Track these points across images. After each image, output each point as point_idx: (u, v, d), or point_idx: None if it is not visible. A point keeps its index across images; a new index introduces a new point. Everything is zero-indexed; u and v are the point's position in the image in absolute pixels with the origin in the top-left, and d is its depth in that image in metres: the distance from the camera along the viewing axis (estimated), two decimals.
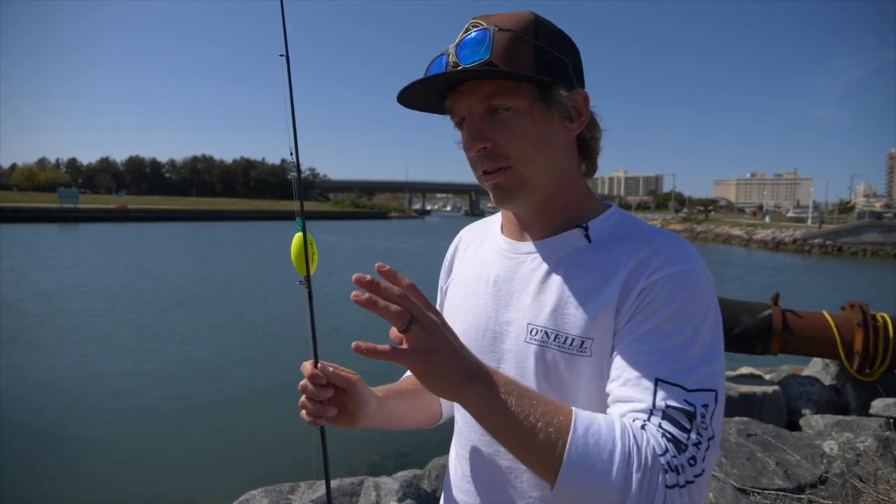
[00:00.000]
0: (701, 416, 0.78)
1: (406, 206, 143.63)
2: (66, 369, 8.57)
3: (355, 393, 0.99)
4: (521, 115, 0.90)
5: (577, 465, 0.73)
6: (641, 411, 0.79)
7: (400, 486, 3.26)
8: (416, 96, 0.94)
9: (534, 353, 0.92)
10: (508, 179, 0.92)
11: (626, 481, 0.72)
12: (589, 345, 0.88)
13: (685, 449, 0.76)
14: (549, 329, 0.90)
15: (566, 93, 0.91)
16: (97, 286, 16.43)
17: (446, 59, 0.91)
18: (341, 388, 0.98)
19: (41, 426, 6.46)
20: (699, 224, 59.10)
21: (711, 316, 0.85)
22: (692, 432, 0.77)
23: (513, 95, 0.89)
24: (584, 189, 0.99)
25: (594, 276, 0.89)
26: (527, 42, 0.88)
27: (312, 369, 0.96)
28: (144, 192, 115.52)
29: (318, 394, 0.94)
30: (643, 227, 0.94)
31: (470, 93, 0.90)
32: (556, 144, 0.93)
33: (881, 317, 4.81)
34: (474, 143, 0.91)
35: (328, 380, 0.96)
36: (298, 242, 1.02)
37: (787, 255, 37.96)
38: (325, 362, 0.98)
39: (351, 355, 0.78)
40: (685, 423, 0.77)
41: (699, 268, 0.86)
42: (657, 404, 0.78)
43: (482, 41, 0.87)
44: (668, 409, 0.78)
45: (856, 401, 4.84)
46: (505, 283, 0.99)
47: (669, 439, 0.76)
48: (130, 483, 5.34)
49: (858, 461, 3.49)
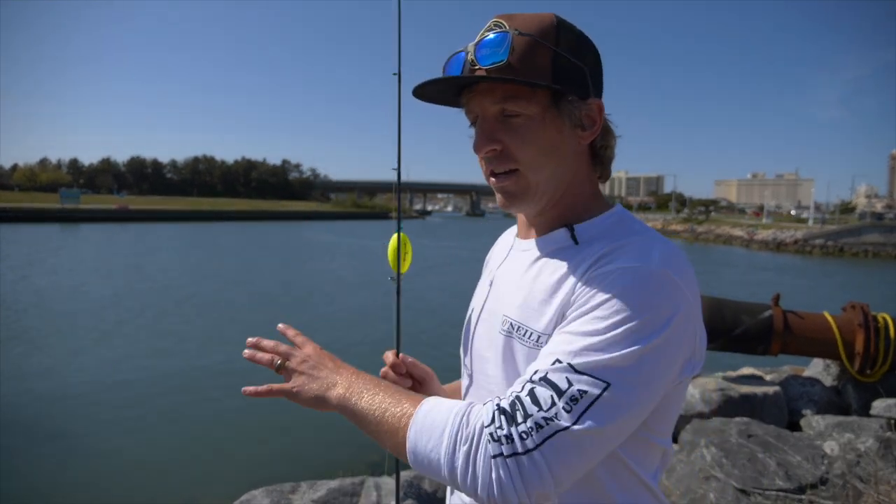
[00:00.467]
0: (571, 397, 0.75)
1: (407, 206, 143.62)
2: (67, 369, 8.58)
3: (430, 387, 1.08)
4: (533, 120, 0.90)
5: (414, 445, 0.80)
6: (519, 383, 0.81)
7: (401, 486, 3.26)
8: (431, 92, 0.95)
9: (503, 343, 0.95)
10: (515, 184, 0.93)
11: (454, 455, 0.76)
12: (545, 340, 0.88)
13: (520, 423, 0.75)
14: (514, 321, 0.93)
15: (580, 102, 0.91)
16: (98, 286, 16.44)
17: (465, 56, 0.91)
18: (418, 380, 1.07)
19: (42, 425, 6.47)
20: (700, 224, 59.02)
21: (646, 318, 0.78)
22: (544, 410, 0.75)
23: (526, 101, 0.89)
24: (591, 193, 0.99)
25: (564, 273, 0.90)
26: (546, 47, 0.88)
27: (394, 359, 1.05)
28: (146, 193, 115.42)
29: (399, 382, 1.04)
30: (630, 228, 0.92)
31: (485, 94, 0.91)
32: (566, 152, 0.94)
33: (882, 317, 4.81)
34: (484, 144, 0.92)
35: (408, 370, 1.05)
36: (394, 242, 1.18)
37: (788, 256, 37.92)
38: (405, 354, 1.07)
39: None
40: (544, 399, 0.76)
41: (652, 268, 0.81)
42: (533, 377, 0.79)
43: (501, 43, 0.87)
44: (538, 381, 0.78)
45: (857, 401, 4.83)
46: (499, 276, 1.04)
47: (502, 412, 0.77)
48: (131, 482, 5.35)
49: (859, 462, 3.49)
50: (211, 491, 5.08)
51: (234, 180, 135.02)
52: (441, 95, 0.97)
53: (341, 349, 1.68)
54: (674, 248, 0.87)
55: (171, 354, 9.58)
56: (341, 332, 11.38)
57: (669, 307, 0.80)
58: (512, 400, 0.78)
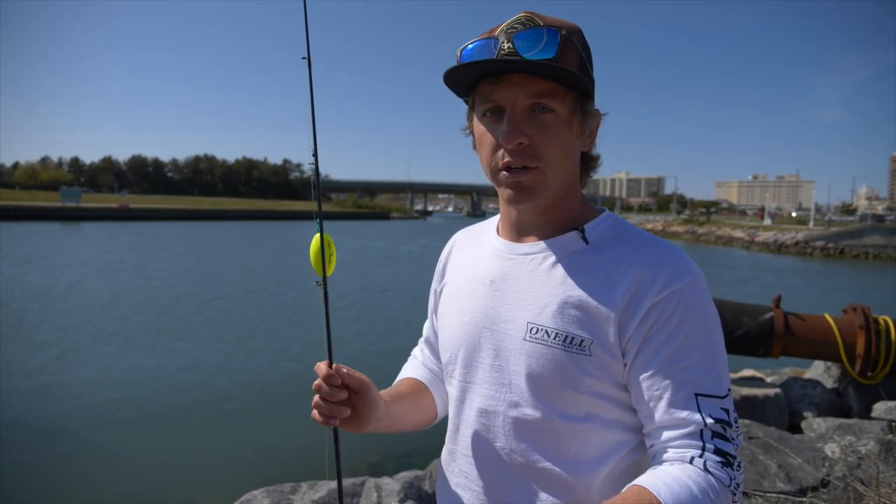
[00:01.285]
0: (734, 419, 0.88)
1: (407, 206, 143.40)
2: (67, 368, 8.58)
3: (367, 395, 1.00)
4: (561, 120, 0.91)
5: None
6: (692, 435, 0.87)
7: (401, 487, 3.26)
8: (460, 77, 0.93)
9: (534, 351, 0.93)
10: (533, 179, 0.92)
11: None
12: (588, 344, 0.90)
13: (733, 462, 0.86)
14: (550, 328, 0.92)
15: (595, 110, 0.96)
16: (98, 285, 16.45)
17: (497, 44, 0.89)
18: (354, 391, 0.99)
19: (41, 425, 6.46)
20: (701, 226, 59.00)
21: (714, 315, 0.92)
22: (732, 440, 0.87)
23: (559, 100, 0.90)
24: (582, 197, 1.03)
25: (593, 278, 0.93)
26: (578, 53, 0.91)
27: (328, 370, 0.97)
28: (147, 192, 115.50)
29: (333, 394, 0.96)
30: (636, 232, 0.98)
31: (520, 85, 0.89)
32: (577, 156, 0.98)
33: (883, 320, 4.80)
34: (514, 136, 0.90)
35: (342, 380, 0.97)
36: (317, 244, 1.02)
37: (789, 258, 37.88)
38: (339, 364, 0.99)
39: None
40: (727, 434, 0.87)
41: (700, 276, 0.91)
42: (706, 422, 0.86)
43: (550, 40, 0.87)
44: (714, 426, 0.86)
45: (857, 404, 4.83)
46: (503, 282, 1.01)
47: (725, 464, 0.85)
48: (131, 482, 5.34)
49: (860, 464, 3.48)
50: (211, 491, 5.07)
51: (235, 180, 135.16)
52: (463, 82, 0.94)
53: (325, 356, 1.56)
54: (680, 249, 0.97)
55: (171, 353, 9.57)
56: (351, 335, 11.38)
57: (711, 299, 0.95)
58: (718, 458, 0.86)
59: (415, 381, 1.22)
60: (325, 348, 1.00)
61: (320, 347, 1.00)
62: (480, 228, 1.17)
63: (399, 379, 1.25)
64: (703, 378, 0.88)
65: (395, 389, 1.17)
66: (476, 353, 1.02)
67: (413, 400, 1.18)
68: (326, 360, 0.98)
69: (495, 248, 1.05)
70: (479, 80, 0.92)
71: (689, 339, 0.88)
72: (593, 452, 0.94)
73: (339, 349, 1.03)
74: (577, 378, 0.91)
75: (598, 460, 0.93)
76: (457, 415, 1.06)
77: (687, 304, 0.88)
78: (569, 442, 0.93)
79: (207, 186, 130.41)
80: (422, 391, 1.21)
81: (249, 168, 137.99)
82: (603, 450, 0.94)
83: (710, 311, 0.91)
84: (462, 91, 0.97)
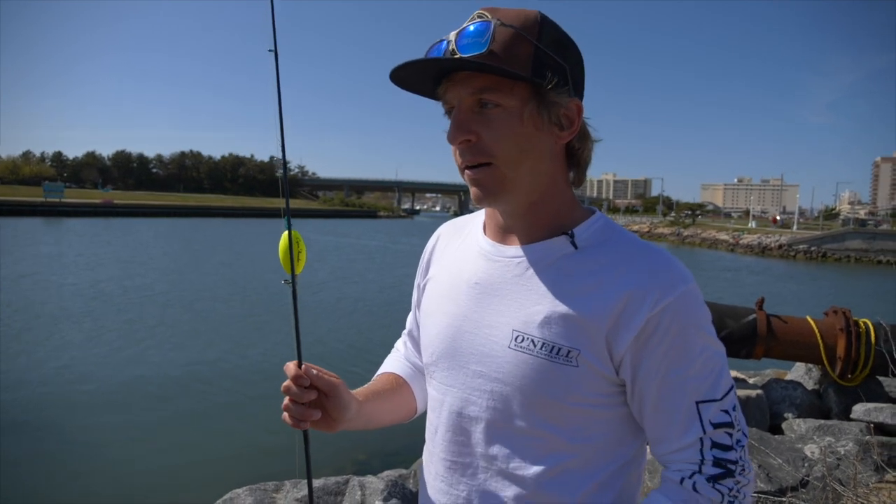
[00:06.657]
0: (735, 420, 0.89)
1: (395, 205, 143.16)
2: (47, 368, 8.44)
3: (337, 397, 0.97)
4: (509, 113, 0.88)
5: None
6: (691, 448, 0.88)
7: (385, 486, 3.25)
8: (409, 77, 0.92)
9: (519, 360, 0.90)
10: (489, 177, 0.90)
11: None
12: (575, 356, 0.87)
13: (734, 470, 0.87)
14: (536, 337, 0.89)
15: (560, 99, 0.89)
16: (80, 282, 16.23)
17: (446, 45, 0.89)
18: (324, 392, 0.96)
19: (24, 426, 6.36)
20: (686, 228, 59.44)
21: (708, 320, 0.91)
22: (733, 446, 0.88)
23: (505, 93, 0.87)
24: (571, 197, 0.98)
25: (582, 286, 0.89)
26: (528, 41, 0.86)
27: (296, 370, 0.94)
28: (131, 188, 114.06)
29: (302, 396, 0.93)
30: (627, 238, 0.94)
31: (463, 83, 0.88)
32: (544, 150, 0.92)
33: (863, 323, 4.87)
34: (458, 133, 0.89)
35: (312, 382, 0.94)
36: (285, 241, 0.99)
37: (773, 261, 38.29)
38: (308, 364, 0.95)
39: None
40: (727, 441, 0.88)
41: (693, 284, 0.89)
42: (706, 429, 0.87)
43: (483, 33, 0.86)
44: (714, 433, 0.88)
45: (837, 405, 4.89)
46: (488, 286, 0.97)
47: (724, 475, 0.86)
48: (114, 482, 5.28)
49: (839, 465, 3.53)
50: (195, 490, 5.03)
51: (221, 176, 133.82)
52: (421, 83, 0.93)
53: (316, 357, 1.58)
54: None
55: (153, 353, 9.47)
56: (326, 334, 11.33)
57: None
58: (717, 470, 0.87)
59: (394, 377, 1.19)
60: (294, 348, 0.97)
61: (304, 345, 0.98)
62: (465, 223, 1.13)
63: (379, 373, 1.22)
64: (704, 385, 0.87)
65: (372, 387, 1.14)
66: (458, 357, 0.98)
67: (390, 397, 1.15)
68: (296, 361, 0.95)
69: (481, 249, 1.01)
70: (439, 82, 0.92)
71: (687, 350, 0.87)
72: (576, 465, 0.91)
73: (325, 346, 1.02)
74: (563, 389, 0.88)
75: (581, 474, 0.91)
76: (436, 417, 1.03)
77: (683, 316, 0.86)
78: (551, 453, 0.91)
79: (193, 183, 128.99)
80: (401, 387, 1.18)
81: (236, 165, 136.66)
82: (587, 464, 0.92)
83: (705, 318, 0.90)
84: (428, 93, 0.96)
